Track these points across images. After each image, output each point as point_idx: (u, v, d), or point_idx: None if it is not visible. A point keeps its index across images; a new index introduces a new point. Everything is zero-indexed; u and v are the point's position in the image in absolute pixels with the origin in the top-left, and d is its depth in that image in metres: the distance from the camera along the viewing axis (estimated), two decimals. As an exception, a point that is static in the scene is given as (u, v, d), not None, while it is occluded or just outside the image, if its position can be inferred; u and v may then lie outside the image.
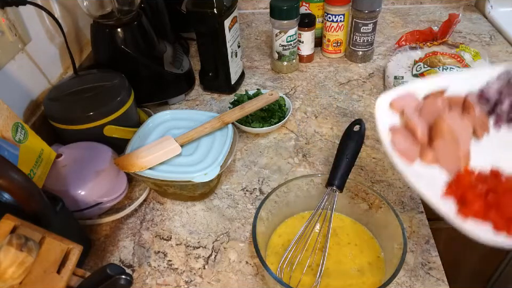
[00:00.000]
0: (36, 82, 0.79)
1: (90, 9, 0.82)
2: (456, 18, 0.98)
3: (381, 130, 0.51)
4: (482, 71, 0.56)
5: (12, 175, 0.46)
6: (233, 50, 0.89)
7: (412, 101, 0.54)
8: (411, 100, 0.54)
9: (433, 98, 0.54)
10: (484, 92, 0.53)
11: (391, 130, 0.51)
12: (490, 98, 0.53)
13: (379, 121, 0.52)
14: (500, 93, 0.52)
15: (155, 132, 0.72)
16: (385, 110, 0.53)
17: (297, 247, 0.56)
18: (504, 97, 0.52)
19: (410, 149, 0.49)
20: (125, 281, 0.40)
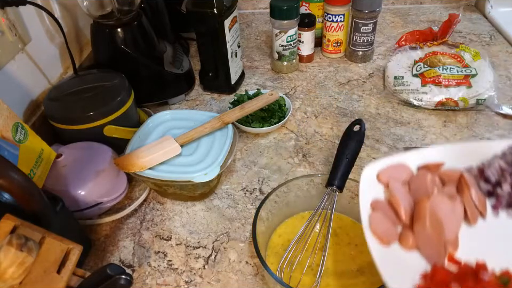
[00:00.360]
0: (36, 82, 0.79)
1: (90, 9, 0.82)
2: (456, 18, 0.98)
3: (362, 203, 0.47)
4: (487, 144, 0.51)
5: (12, 175, 0.46)
6: (233, 50, 0.89)
7: (401, 173, 0.50)
8: (401, 172, 0.50)
9: (424, 172, 0.50)
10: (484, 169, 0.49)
11: (373, 205, 0.47)
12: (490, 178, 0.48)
13: (361, 193, 0.48)
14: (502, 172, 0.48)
15: (155, 132, 0.72)
16: (371, 181, 0.49)
17: (297, 247, 0.56)
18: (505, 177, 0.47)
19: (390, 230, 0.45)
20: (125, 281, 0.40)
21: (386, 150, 0.77)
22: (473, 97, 0.82)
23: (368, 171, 0.50)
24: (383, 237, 0.44)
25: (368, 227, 0.45)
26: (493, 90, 0.83)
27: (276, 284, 0.49)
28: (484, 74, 0.85)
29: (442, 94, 0.83)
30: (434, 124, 0.82)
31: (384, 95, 0.90)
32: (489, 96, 0.82)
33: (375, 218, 0.46)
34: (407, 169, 0.51)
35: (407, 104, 0.87)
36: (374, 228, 0.45)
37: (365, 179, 0.49)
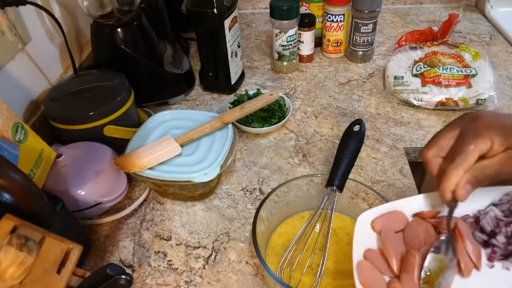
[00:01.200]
0: (36, 82, 0.79)
1: (90, 9, 0.82)
2: (456, 18, 0.98)
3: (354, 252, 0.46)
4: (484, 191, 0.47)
5: (12, 175, 0.46)
6: (233, 50, 0.89)
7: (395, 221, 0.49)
8: (395, 220, 0.49)
9: (418, 221, 0.49)
10: (479, 218, 0.47)
11: (365, 254, 0.47)
12: (485, 227, 0.46)
13: (355, 242, 0.47)
14: (497, 222, 0.46)
15: (155, 132, 0.72)
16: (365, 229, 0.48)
17: (297, 247, 0.56)
18: (500, 227, 0.45)
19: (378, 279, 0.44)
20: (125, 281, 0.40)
21: (386, 150, 0.77)
22: (473, 97, 0.82)
23: (362, 218, 0.49)
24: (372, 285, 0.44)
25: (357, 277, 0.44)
26: (493, 90, 0.83)
27: (275, 284, 0.49)
28: (484, 74, 0.85)
29: (442, 94, 0.83)
30: (434, 124, 0.82)
31: (384, 95, 0.90)
32: (489, 96, 0.82)
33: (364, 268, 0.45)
34: (402, 216, 0.50)
35: (407, 104, 0.87)
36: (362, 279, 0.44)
37: (359, 227, 0.48)
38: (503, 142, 0.41)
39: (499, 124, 0.42)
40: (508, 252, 0.46)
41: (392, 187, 0.70)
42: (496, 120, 0.43)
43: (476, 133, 0.42)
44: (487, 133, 0.41)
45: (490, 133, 0.41)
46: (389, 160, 0.75)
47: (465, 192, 0.42)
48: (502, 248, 0.46)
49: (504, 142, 0.41)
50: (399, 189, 0.69)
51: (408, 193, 0.68)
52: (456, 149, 0.43)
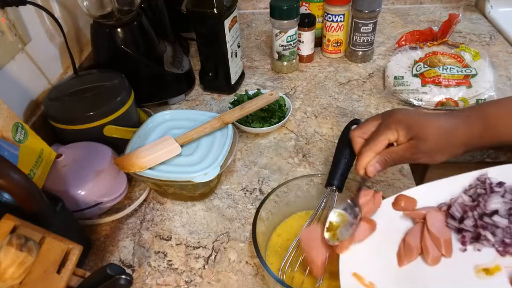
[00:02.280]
0: (36, 82, 0.79)
1: (90, 9, 0.82)
2: (456, 18, 0.98)
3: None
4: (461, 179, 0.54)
5: (12, 175, 0.46)
6: (233, 50, 0.89)
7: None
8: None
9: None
10: (450, 206, 0.52)
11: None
12: (454, 214, 0.51)
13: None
14: (465, 207, 0.51)
15: (155, 132, 0.72)
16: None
17: (298, 248, 0.56)
18: (467, 212, 0.50)
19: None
20: (125, 281, 0.40)
21: (386, 150, 0.77)
22: (473, 97, 0.82)
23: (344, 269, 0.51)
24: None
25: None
26: (493, 90, 0.83)
27: (276, 284, 0.49)
28: (484, 74, 0.85)
29: (442, 94, 0.83)
30: (434, 124, 0.82)
31: (384, 95, 0.90)
32: (489, 96, 0.82)
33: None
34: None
35: (407, 104, 0.86)
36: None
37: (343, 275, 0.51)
38: (406, 134, 0.52)
39: (406, 120, 0.53)
40: (477, 234, 0.49)
41: (392, 187, 0.70)
42: (405, 117, 0.53)
43: (388, 125, 0.53)
44: (394, 126, 0.52)
45: (397, 126, 0.52)
46: (389, 160, 0.75)
47: (373, 169, 0.53)
48: (471, 231, 0.50)
49: (407, 135, 0.52)
50: (399, 189, 0.69)
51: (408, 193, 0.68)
52: (372, 135, 0.54)
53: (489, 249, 0.49)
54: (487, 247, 0.49)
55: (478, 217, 0.49)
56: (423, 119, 0.53)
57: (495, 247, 0.48)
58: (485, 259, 0.48)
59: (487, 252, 0.48)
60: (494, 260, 0.48)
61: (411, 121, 0.53)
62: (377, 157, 0.53)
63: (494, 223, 0.48)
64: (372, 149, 0.53)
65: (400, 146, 0.53)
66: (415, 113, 0.54)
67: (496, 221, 0.48)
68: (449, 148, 0.53)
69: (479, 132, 0.54)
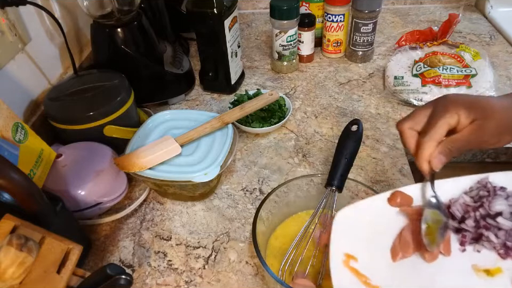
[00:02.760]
0: (36, 82, 0.79)
1: (90, 9, 0.82)
2: (456, 18, 0.98)
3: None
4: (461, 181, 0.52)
5: (12, 175, 0.46)
6: (233, 50, 0.89)
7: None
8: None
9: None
10: (450, 206, 0.50)
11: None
12: (455, 214, 0.50)
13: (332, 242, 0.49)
14: (466, 208, 0.50)
15: (155, 132, 0.72)
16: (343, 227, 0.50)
17: (298, 248, 0.56)
18: (469, 212, 0.49)
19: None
20: (125, 281, 0.40)
21: (386, 150, 0.77)
22: (473, 97, 0.82)
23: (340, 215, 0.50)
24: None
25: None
26: (493, 90, 0.83)
27: (276, 284, 0.49)
28: (484, 74, 0.85)
29: (442, 94, 0.82)
30: (434, 124, 0.82)
31: (384, 95, 0.90)
32: (489, 96, 0.82)
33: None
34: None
35: (407, 104, 0.87)
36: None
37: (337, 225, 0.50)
38: (468, 115, 0.46)
39: (464, 101, 0.48)
40: (477, 235, 0.48)
41: (392, 187, 0.69)
42: (462, 98, 0.48)
43: (444, 109, 0.47)
44: (453, 108, 0.47)
45: (457, 108, 0.47)
46: (389, 160, 0.75)
47: (439, 161, 0.47)
48: (472, 232, 0.49)
49: (469, 115, 0.46)
50: (399, 189, 0.69)
51: (408, 193, 0.68)
52: (428, 123, 0.48)
53: (489, 252, 0.48)
54: (487, 249, 0.48)
55: (480, 217, 0.49)
56: (483, 98, 0.49)
57: (496, 250, 0.48)
58: (485, 261, 0.48)
59: (487, 254, 0.48)
60: (495, 262, 0.47)
61: (471, 101, 0.47)
62: (439, 147, 0.47)
63: (497, 224, 0.47)
64: (433, 138, 0.47)
65: (464, 131, 0.47)
66: (470, 95, 0.50)
67: (500, 223, 0.47)
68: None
69: None
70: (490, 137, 0.47)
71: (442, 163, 0.47)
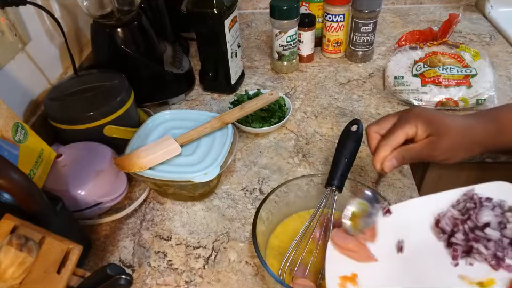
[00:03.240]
0: (36, 82, 0.79)
1: (90, 9, 0.82)
2: (456, 18, 0.98)
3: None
4: (447, 195, 0.54)
5: (12, 175, 0.46)
6: (233, 50, 0.89)
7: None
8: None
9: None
10: (439, 221, 0.52)
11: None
12: (444, 228, 0.51)
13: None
14: (454, 221, 0.51)
15: (155, 132, 0.72)
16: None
17: (298, 248, 0.56)
18: (458, 226, 0.50)
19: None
20: (125, 281, 0.40)
21: (386, 150, 0.77)
22: (473, 97, 0.82)
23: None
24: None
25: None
26: (493, 90, 0.83)
27: (276, 284, 0.49)
28: (484, 74, 0.85)
29: (442, 94, 0.83)
30: (434, 124, 0.82)
31: (384, 95, 0.90)
32: (489, 96, 0.82)
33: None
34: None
35: (407, 104, 0.86)
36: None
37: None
38: (425, 130, 0.51)
39: (425, 116, 0.52)
40: (468, 248, 0.49)
41: (392, 187, 0.70)
42: (425, 113, 0.53)
43: (406, 120, 0.52)
44: (414, 121, 0.52)
45: (416, 121, 0.51)
46: (389, 160, 0.75)
47: (391, 164, 0.52)
48: (462, 245, 0.50)
49: (426, 130, 0.51)
50: (399, 189, 0.69)
51: (408, 193, 0.68)
52: (390, 130, 0.53)
53: (481, 264, 0.48)
54: (479, 261, 0.48)
55: (469, 230, 0.49)
56: (442, 116, 0.53)
57: (488, 261, 0.48)
58: (478, 273, 0.47)
59: (480, 266, 0.48)
60: (489, 274, 0.47)
61: (430, 117, 0.52)
62: (394, 152, 0.52)
63: (486, 236, 0.48)
64: (389, 143, 0.52)
65: (419, 143, 0.52)
66: (433, 111, 0.54)
67: (488, 234, 0.48)
68: (468, 146, 0.52)
69: (493, 135, 0.54)
70: (441, 153, 0.52)
71: (394, 166, 0.52)
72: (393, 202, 0.67)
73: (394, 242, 0.52)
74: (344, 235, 0.52)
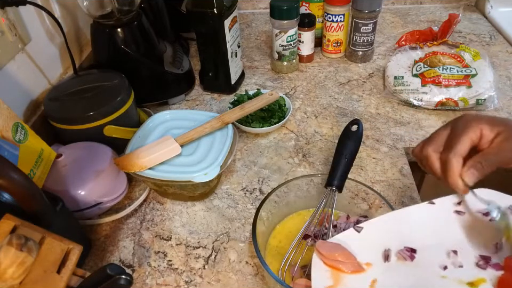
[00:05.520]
0: (36, 82, 0.79)
1: (90, 9, 0.82)
2: (456, 18, 0.98)
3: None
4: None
5: (12, 175, 0.46)
6: (233, 50, 0.89)
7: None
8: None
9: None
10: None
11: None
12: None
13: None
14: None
15: (155, 132, 0.72)
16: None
17: (298, 248, 0.56)
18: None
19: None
20: (125, 281, 0.40)
21: (386, 150, 0.77)
22: (473, 97, 0.82)
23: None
24: None
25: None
26: (493, 90, 0.83)
27: (276, 284, 0.49)
28: (484, 74, 0.85)
29: (442, 94, 0.83)
30: (434, 124, 0.82)
31: (384, 95, 0.90)
32: (489, 96, 0.82)
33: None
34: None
35: (407, 104, 0.87)
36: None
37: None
38: (492, 128, 0.45)
39: (484, 117, 0.47)
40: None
41: (392, 187, 0.70)
42: (480, 115, 0.48)
43: (466, 125, 0.47)
44: (475, 123, 0.46)
45: (478, 123, 0.46)
46: (389, 160, 0.75)
47: (472, 175, 0.45)
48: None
49: (493, 128, 0.45)
50: (399, 189, 0.69)
51: (408, 193, 0.68)
52: (450, 140, 0.47)
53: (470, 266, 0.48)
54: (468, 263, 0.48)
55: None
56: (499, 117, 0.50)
57: (476, 263, 0.48)
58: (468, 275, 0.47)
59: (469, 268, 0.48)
60: (477, 274, 0.47)
61: (491, 117, 0.47)
62: (469, 163, 0.45)
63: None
64: (458, 153, 0.45)
65: (493, 144, 0.45)
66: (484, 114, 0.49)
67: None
68: None
69: None
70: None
71: (476, 177, 0.45)
72: (393, 202, 0.67)
73: (381, 251, 0.51)
74: (330, 245, 0.50)
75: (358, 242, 0.51)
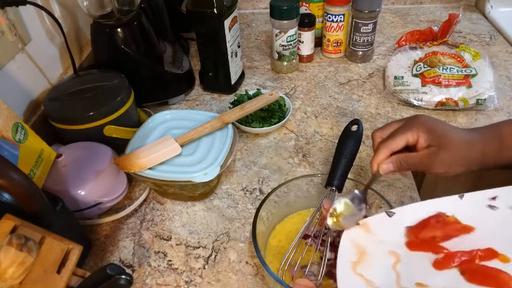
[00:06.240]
0: (36, 82, 0.79)
1: (90, 9, 0.82)
2: (456, 18, 0.98)
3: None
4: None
5: (12, 175, 0.46)
6: (233, 50, 0.89)
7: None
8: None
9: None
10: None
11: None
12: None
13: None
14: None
15: (155, 132, 0.72)
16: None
17: (298, 248, 0.56)
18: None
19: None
20: (125, 281, 0.40)
21: (386, 150, 0.77)
22: (473, 97, 0.82)
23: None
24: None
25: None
26: (493, 90, 0.83)
27: (276, 284, 0.49)
28: (484, 74, 0.85)
29: (442, 94, 0.83)
30: (434, 124, 0.82)
31: (384, 95, 0.90)
32: (489, 96, 0.82)
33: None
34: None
35: (407, 104, 0.87)
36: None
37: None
38: (426, 139, 0.51)
39: (428, 125, 0.52)
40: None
41: (392, 187, 0.70)
42: (429, 122, 0.53)
43: (409, 126, 0.52)
44: (416, 128, 0.52)
45: (419, 129, 0.51)
46: (389, 160, 0.75)
47: (387, 168, 0.53)
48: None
49: (427, 139, 0.51)
50: (399, 189, 0.69)
51: (408, 193, 0.68)
52: (392, 134, 0.54)
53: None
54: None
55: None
56: (445, 127, 0.53)
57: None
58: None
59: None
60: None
61: (434, 127, 0.52)
62: (393, 157, 0.52)
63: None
64: (389, 147, 0.52)
65: (419, 153, 0.52)
66: (438, 121, 0.54)
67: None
68: (467, 160, 0.52)
69: (494, 150, 0.52)
70: (440, 165, 0.51)
71: (390, 171, 0.52)
72: (393, 202, 0.67)
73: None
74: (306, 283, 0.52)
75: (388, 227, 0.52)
